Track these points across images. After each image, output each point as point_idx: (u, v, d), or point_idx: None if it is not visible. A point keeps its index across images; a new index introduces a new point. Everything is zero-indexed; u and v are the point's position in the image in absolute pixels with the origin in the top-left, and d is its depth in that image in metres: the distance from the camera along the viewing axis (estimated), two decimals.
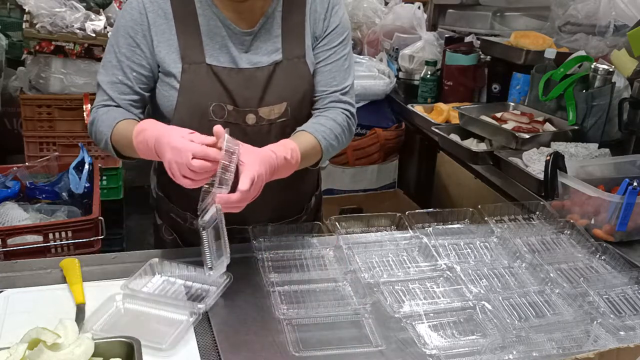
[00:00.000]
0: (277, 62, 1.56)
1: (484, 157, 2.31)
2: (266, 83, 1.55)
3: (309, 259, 1.54)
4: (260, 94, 1.55)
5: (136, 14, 1.52)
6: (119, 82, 1.53)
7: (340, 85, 1.64)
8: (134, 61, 1.53)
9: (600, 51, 2.59)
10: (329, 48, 1.63)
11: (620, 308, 1.41)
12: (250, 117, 1.55)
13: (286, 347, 1.23)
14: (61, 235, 2.16)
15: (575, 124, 2.30)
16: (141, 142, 1.38)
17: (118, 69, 1.53)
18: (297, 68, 1.58)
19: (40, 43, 3.05)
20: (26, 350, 1.01)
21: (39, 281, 1.43)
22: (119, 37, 1.54)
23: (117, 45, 1.54)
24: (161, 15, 1.52)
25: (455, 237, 1.65)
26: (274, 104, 1.56)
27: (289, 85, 1.57)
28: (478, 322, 1.33)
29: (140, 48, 1.52)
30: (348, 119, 1.64)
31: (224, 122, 1.51)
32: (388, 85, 3.14)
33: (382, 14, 3.53)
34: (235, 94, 1.53)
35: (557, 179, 1.81)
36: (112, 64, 1.55)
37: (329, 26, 1.62)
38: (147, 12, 1.52)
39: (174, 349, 1.21)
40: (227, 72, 1.53)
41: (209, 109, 1.53)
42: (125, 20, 1.53)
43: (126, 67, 1.53)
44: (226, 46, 1.53)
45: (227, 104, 1.53)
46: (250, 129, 1.55)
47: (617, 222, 1.68)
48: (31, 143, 3.12)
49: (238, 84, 1.53)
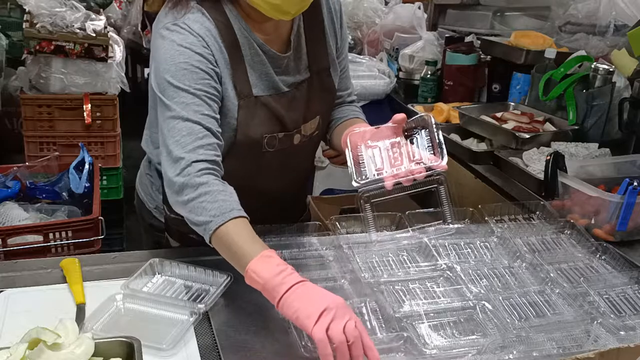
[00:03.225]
0: (307, 78, 1.55)
1: (484, 157, 2.31)
2: (306, 100, 1.55)
3: (309, 258, 1.54)
4: (302, 113, 1.54)
5: (198, 48, 1.36)
6: (208, 115, 1.35)
7: (350, 88, 1.73)
8: (213, 93, 1.38)
9: (601, 51, 2.59)
10: (343, 57, 1.67)
11: (620, 308, 1.41)
12: (297, 137, 1.55)
13: (287, 347, 1.23)
14: (61, 235, 2.16)
15: (576, 124, 2.30)
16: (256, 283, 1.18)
17: (201, 104, 1.34)
18: (324, 81, 1.59)
19: (40, 43, 3.04)
20: (26, 350, 1.01)
21: (39, 281, 1.43)
22: (185, 75, 1.34)
23: (189, 84, 1.34)
24: (217, 48, 1.40)
25: (455, 237, 1.65)
26: (311, 119, 1.57)
27: (320, 99, 1.59)
28: (478, 322, 1.33)
29: (214, 79, 1.38)
30: (359, 113, 1.73)
31: (274, 151, 1.51)
32: (388, 85, 3.14)
33: (382, 13, 3.53)
34: (284, 119, 1.50)
35: (558, 178, 1.81)
36: (189, 103, 1.33)
37: (343, 35, 1.65)
38: (210, 46, 1.38)
39: (174, 349, 1.21)
40: (273, 99, 1.48)
41: (262, 141, 1.48)
42: (186, 56, 1.35)
43: (208, 99, 1.36)
44: (266, 72, 1.47)
45: (279, 132, 1.50)
46: (293, 149, 1.55)
47: (617, 221, 1.68)
48: (31, 143, 3.12)
49: (284, 108, 1.50)
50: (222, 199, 1.27)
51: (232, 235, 1.23)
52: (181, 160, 1.31)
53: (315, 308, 1.10)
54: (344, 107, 1.71)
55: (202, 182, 1.28)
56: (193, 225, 1.30)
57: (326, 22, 1.58)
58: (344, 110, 1.71)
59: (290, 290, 1.13)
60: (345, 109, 1.71)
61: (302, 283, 1.15)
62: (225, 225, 1.24)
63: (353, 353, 1.08)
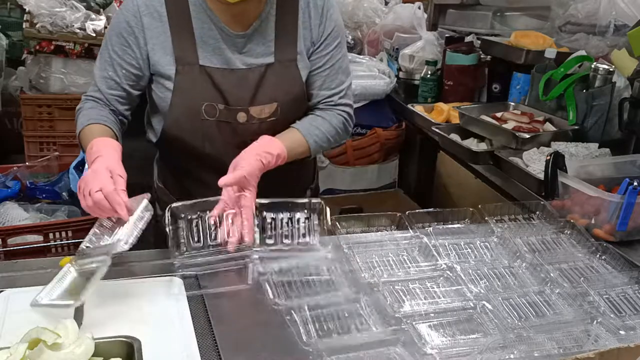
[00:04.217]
0: (269, 64, 1.61)
1: (484, 156, 2.31)
2: (258, 83, 1.60)
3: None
4: (251, 94, 1.60)
5: (130, 16, 1.57)
6: (109, 77, 1.60)
7: (338, 87, 1.70)
8: (125, 60, 1.59)
9: (601, 51, 2.59)
10: (326, 53, 1.67)
11: (620, 308, 1.41)
12: (241, 115, 1.61)
13: (287, 346, 1.23)
14: (61, 235, 2.15)
15: (576, 124, 2.29)
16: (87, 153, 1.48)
17: (109, 64, 1.60)
18: (289, 71, 1.63)
19: (40, 43, 3.05)
20: (26, 350, 1.01)
21: (39, 281, 1.42)
22: (112, 36, 1.60)
23: (111, 42, 1.60)
24: (156, 17, 1.57)
25: (455, 237, 1.65)
26: (265, 103, 1.62)
27: (280, 87, 1.63)
28: (478, 322, 1.33)
29: (131, 48, 1.58)
30: (345, 120, 1.72)
31: (215, 120, 1.60)
32: (388, 85, 3.14)
33: (382, 13, 3.53)
34: (227, 94, 1.59)
35: (558, 178, 1.81)
36: (104, 59, 1.62)
37: (325, 31, 1.66)
38: (142, 15, 1.56)
39: (175, 349, 1.20)
40: (220, 73, 1.58)
41: (201, 108, 1.59)
42: (120, 20, 1.59)
43: (116, 65, 1.59)
44: (220, 48, 1.58)
45: (219, 104, 1.59)
46: (240, 127, 1.61)
47: (617, 221, 1.68)
48: (31, 143, 3.12)
49: (230, 83, 1.58)
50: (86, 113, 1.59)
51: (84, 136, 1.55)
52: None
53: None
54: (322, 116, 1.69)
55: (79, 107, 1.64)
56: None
57: (301, 15, 1.63)
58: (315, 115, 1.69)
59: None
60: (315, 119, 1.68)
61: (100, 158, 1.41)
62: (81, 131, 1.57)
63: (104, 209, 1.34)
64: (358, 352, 1.21)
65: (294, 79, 1.64)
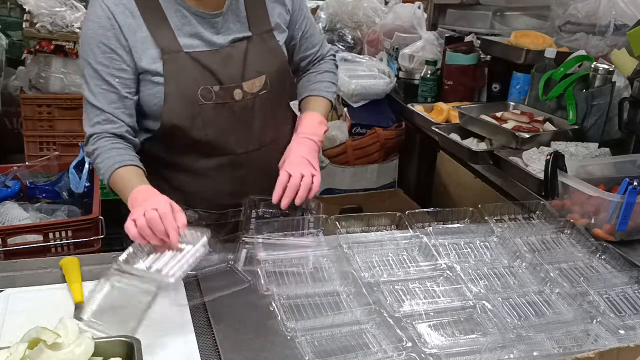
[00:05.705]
0: (248, 37, 1.63)
1: (484, 156, 2.30)
2: (244, 58, 1.62)
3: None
4: (241, 69, 1.61)
5: (104, 20, 1.50)
6: (105, 91, 1.52)
7: (319, 42, 1.85)
8: (114, 67, 1.52)
9: (601, 51, 2.58)
10: (302, 19, 1.76)
11: (620, 308, 1.41)
12: (237, 92, 1.61)
13: (287, 346, 1.23)
14: (61, 235, 2.15)
15: (576, 124, 2.29)
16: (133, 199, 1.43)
17: (99, 79, 1.52)
18: (267, 42, 1.67)
19: (40, 43, 3.04)
20: (26, 350, 1.01)
21: (40, 281, 1.43)
22: (92, 48, 1.51)
23: (93, 56, 1.51)
24: (129, 15, 1.52)
25: (455, 236, 1.65)
26: (255, 77, 1.63)
27: (264, 59, 1.65)
28: (478, 321, 1.33)
29: (117, 53, 1.51)
30: (334, 62, 1.90)
31: (213, 104, 1.59)
32: (388, 85, 3.14)
33: (382, 13, 3.53)
34: (219, 73, 1.58)
35: (558, 178, 1.81)
36: (91, 77, 1.53)
37: (292, 1, 1.72)
38: (115, 16, 1.50)
39: (175, 349, 1.21)
40: (206, 55, 1.57)
41: (197, 94, 1.57)
42: (94, 30, 1.51)
43: (108, 76, 1.52)
44: (198, 33, 1.57)
45: (214, 86, 1.58)
46: (237, 106, 1.62)
47: (617, 221, 1.68)
48: (31, 143, 3.12)
49: (219, 63, 1.58)
50: (108, 157, 1.51)
51: (117, 183, 1.49)
52: (86, 134, 1.57)
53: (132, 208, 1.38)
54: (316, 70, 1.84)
55: (94, 149, 1.54)
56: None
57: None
58: (312, 79, 1.83)
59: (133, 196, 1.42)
60: (314, 77, 1.83)
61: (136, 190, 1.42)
62: (111, 178, 1.50)
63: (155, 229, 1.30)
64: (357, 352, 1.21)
65: (275, 49, 1.67)
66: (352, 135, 3.10)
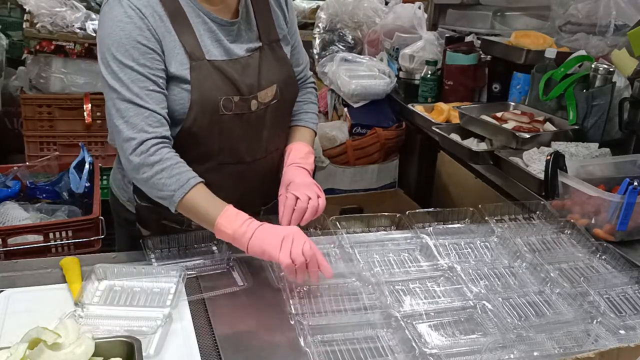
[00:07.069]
0: (259, 47, 1.63)
1: (485, 156, 2.30)
2: (258, 68, 1.61)
3: None
4: (256, 79, 1.60)
5: (137, 20, 1.43)
6: (152, 91, 1.43)
7: (304, 62, 1.83)
8: (156, 67, 1.45)
9: (601, 51, 2.58)
10: (294, 31, 1.75)
11: (620, 308, 1.41)
12: (254, 103, 1.59)
13: (287, 346, 1.23)
14: (61, 234, 2.16)
15: (576, 124, 2.29)
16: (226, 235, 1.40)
17: (145, 80, 1.42)
18: (276, 52, 1.66)
19: (40, 43, 3.05)
20: (26, 350, 1.01)
21: (40, 281, 1.43)
22: (127, 49, 1.41)
23: (131, 57, 1.41)
24: (157, 18, 1.46)
25: (455, 236, 1.65)
26: (267, 87, 1.62)
27: (275, 68, 1.65)
28: (478, 321, 1.33)
29: (157, 53, 1.45)
30: (315, 91, 1.88)
31: (232, 114, 1.56)
32: (388, 85, 3.14)
33: (382, 13, 3.53)
34: (239, 83, 1.56)
35: (558, 178, 1.81)
36: (133, 80, 1.41)
37: (288, 11, 1.72)
38: (147, 17, 1.44)
39: (175, 349, 1.21)
40: (226, 64, 1.55)
41: (219, 103, 1.53)
42: (126, 31, 1.42)
43: (152, 76, 1.43)
44: (218, 39, 1.55)
45: (234, 96, 1.55)
46: (252, 116, 1.60)
47: (617, 221, 1.68)
48: (31, 143, 3.12)
49: (239, 73, 1.56)
50: (177, 172, 1.42)
51: (195, 202, 1.42)
52: (132, 140, 1.42)
53: (276, 239, 1.35)
54: (302, 100, 1.80)
55: (156, 160, 1.42)
56: (157, 198, 1.46)
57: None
58: (299, 108, 1.79)
59: (254, 235, 1.36)
60: (300, 106, 1.80)
61: (261, 226, 1.38)
62: (186, 195, 1.41)
63: (310, 269, 1.35)
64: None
65: (283, 58, 1.68)
66: (352, 135, 3.10)
